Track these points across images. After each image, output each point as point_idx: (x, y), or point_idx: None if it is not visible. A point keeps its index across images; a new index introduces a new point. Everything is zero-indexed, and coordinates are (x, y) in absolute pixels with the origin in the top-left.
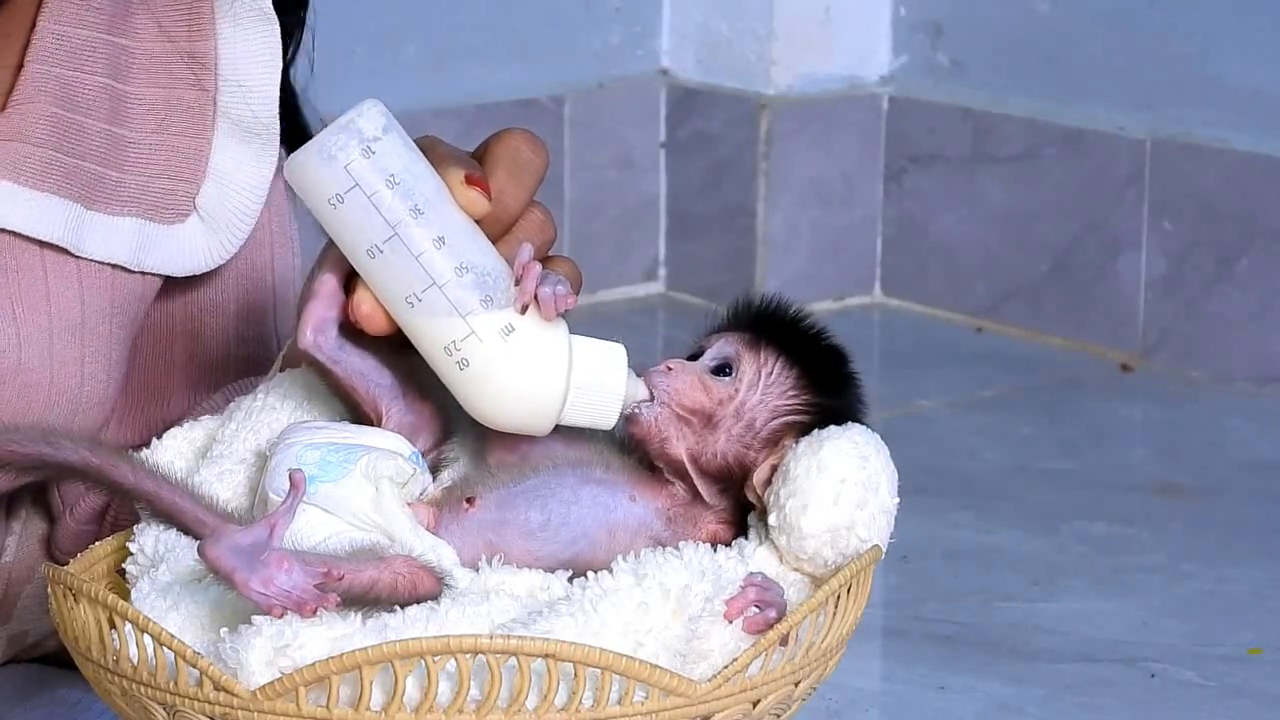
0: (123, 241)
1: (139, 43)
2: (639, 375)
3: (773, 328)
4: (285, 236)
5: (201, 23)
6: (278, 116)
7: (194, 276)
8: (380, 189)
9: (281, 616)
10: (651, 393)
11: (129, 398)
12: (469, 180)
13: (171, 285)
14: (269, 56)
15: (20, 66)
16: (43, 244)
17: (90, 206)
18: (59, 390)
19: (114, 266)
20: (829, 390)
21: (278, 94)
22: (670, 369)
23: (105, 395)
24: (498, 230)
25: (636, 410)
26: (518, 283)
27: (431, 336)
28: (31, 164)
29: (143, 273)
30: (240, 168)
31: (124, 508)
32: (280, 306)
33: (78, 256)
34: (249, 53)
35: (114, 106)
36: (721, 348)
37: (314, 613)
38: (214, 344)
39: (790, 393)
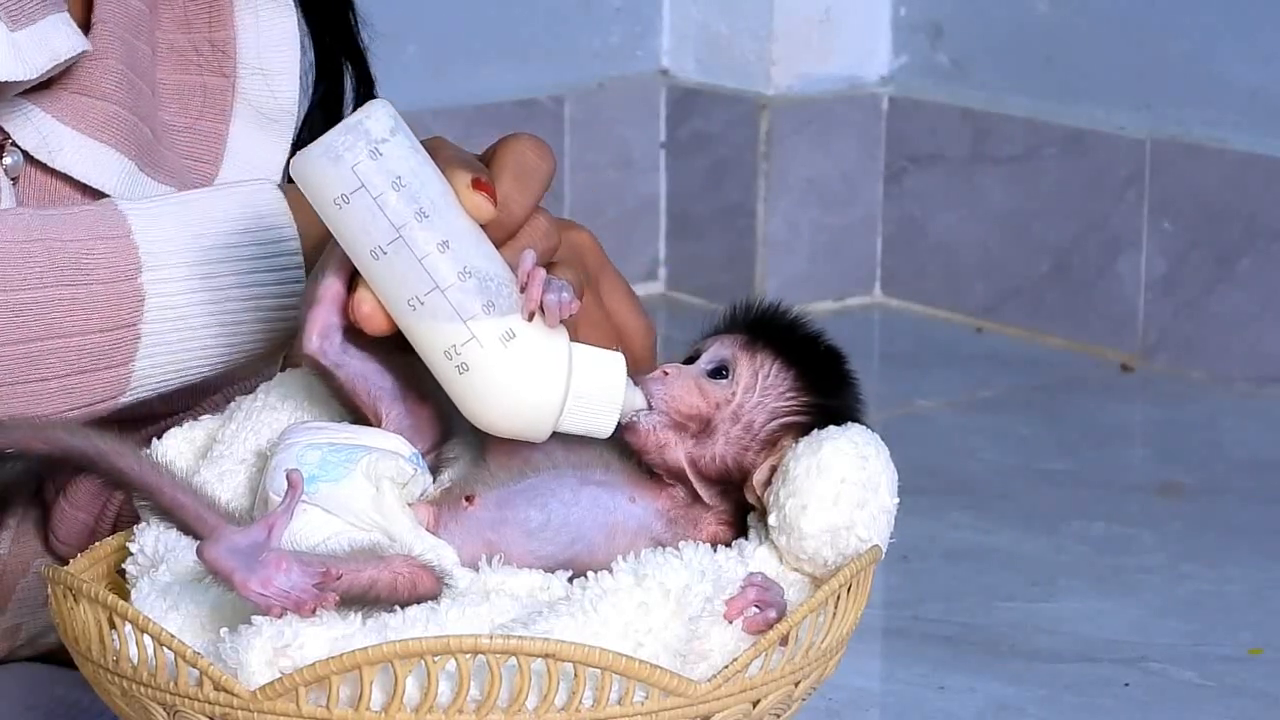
0: None
1: (164, 33)
2: (636, 382)
3: (769, 329)
4: None
5: (222, 12)
6: (297, 101)
7: None
8: (386, 191)
9: (280, 616)
10: (649, 401)
11: None
12: (475, 185)
13: None
14: (288, 44)
15: (88, 25)
16: (87, 193)
17: (142, 169)
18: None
19: None
20: (826, 390)
21: (297, 80)
22: (667, 374)
23: None
24: (502, 235)
25: (634, 419)
26: (522, 289)
27: (432, 340)
28: (95, 115)
29: None
30: (256, 150)
31: (125, 503)
32: None
33: None
34: (269, 40)
35: (153, 82)
36: (717, 350)
37: (313, 612)
38: None
39: (788, 394)
